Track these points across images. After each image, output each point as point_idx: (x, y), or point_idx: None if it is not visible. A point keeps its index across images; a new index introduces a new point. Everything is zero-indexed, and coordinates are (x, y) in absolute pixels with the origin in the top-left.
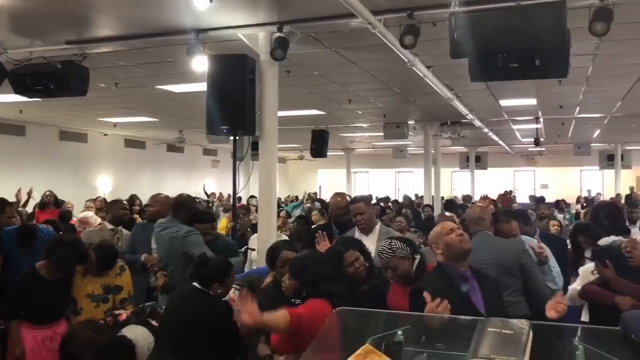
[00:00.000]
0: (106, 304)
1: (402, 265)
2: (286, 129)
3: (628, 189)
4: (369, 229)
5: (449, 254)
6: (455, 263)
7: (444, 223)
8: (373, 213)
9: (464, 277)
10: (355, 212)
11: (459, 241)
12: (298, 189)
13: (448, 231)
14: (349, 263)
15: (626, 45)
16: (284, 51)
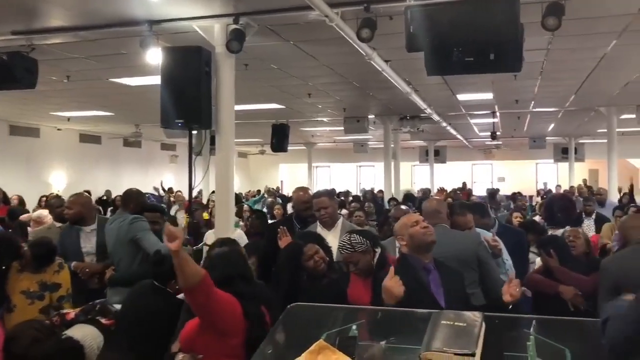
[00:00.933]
0: (42, 301)
1: (363, 259)
2: (246, 123)
3: (581, 181)
4: (331, 223)
5: (413, 246)
6: (418, 254)
7: (410, 215)
8: (336, 207)
9: (426, 268)
10: (318, 206)
11: (422, 233)
12: (259, 184)
13: (413, 223)
14: (308, 257)
15: (578, 40)
16: (240, 43)
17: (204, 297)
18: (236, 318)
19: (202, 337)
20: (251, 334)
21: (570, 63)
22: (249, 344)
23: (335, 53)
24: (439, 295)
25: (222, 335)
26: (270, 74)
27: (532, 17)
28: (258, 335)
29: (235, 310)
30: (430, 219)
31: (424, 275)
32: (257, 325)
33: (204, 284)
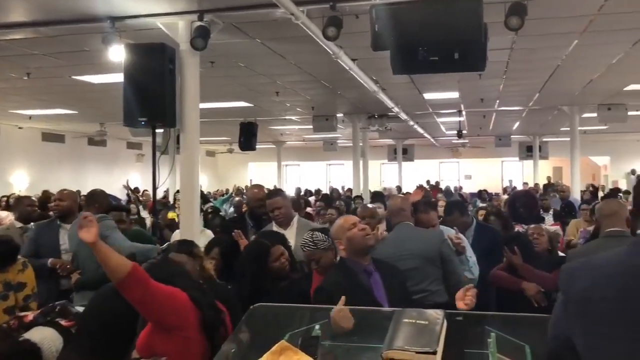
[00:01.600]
0: (5, 301)
1: (325, 256)
2: (214, 121)
3: (545, 178)
4: (287, 222)
5: (352, 249)
6: (358, 258)
7: (347, 217)
8: (290, 206)
9: (367, 271)
10: (272, 206)
11: (361, 236)
12: (228, 183)
13: (350, 225)
14: (275, 258)
15: (541, 40)
16: (204, 41)
17: (139, 290)
18: (183, 309)
19: (158, 337)
20: (205, 321)
21: (533, 63)
22: (208, 334)
23: (302, 51)
24: (382, 298)
25: (174, 330)
26: (237, 72)
27: (496, 17)
28: (213, 321)
29: (180, 301)
30: (395, 217)
31: (365, 279)
32: (209, 310)
33: (134, 277)
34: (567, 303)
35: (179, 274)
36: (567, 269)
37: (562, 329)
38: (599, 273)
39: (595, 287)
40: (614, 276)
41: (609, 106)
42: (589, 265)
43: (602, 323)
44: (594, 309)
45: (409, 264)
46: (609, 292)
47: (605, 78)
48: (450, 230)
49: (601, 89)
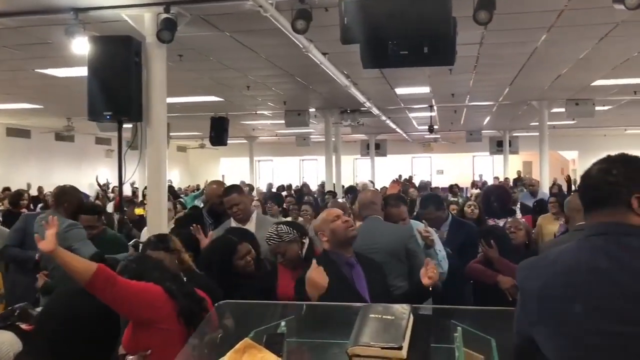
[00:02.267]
0: None
1: (290, 249)
2: (184, 116)
3: (516, 172)
4: (245, 218)
5: (335, 241)
6: (340, 250)
7: (330, 210)
8: (248, 202)
9: (349, 263)
10: (230, 204)
11: (344, 228)
12: (200, 179)
13: (334, 218)
14: (241, 256)
15: (509, 35)
16: (171, 33)
17: (108, 290)
18: (157, 301)
19: (139, 333)
20: (182, 311)
21: (503, 58)
22: (187, 323)
23: (272, 45)
24: (363, 290)
25: (152, 324)
26: (206, 66)
27: (465, 11)
28: (191, 310)
29: (153, 294)
30: (365, 211)
31: (347, 271)
32: (185, 300)
33: (100, 278)
34: (524, 301)
35: (153, 268)
36: (522, 267)
37: (523, 326)
38: (551, 271)
39: (547, 285)
40: (564, 274)
41: (576, 101)
42: (542, 263)
43: (556, 321)
44: (548, 307)
45: (375, 258)
46: (560, 290)
47: (573, 73)
48: (420, 224)
49: (569, 84)
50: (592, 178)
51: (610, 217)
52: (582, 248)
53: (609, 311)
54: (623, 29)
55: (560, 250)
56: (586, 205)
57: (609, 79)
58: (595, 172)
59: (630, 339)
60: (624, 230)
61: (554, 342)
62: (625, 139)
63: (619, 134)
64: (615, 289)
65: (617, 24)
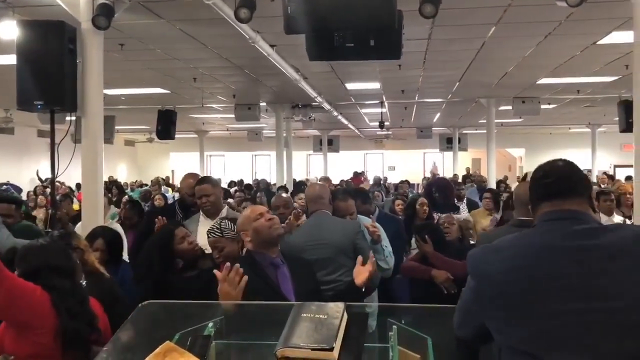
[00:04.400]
0: None
1: (229, 246)
2: (131, 108)
3: (465, 169)
4: (214, 212)
5: (258, 241)
6: (265, 250)
7: (254, 207)
8: (220, 196)
9: (274, 264)
10: (201, 193)
11: (268, 226)
12: (148, 174)
13: (257, 216)
14: (180, 239)
15: (457, 30)
16: (108, 19)
17: None
18: (38, 309)
19: (8, 334)
20: (62, 327)
21: (450, 54)
22: (65, 339)
23: (217, 35)
24: (289, 292)
25: (25, 329)
26: (150, 56)
27: (412, 5)
28: (72, 328)
29: (36, 300)
30: (313, 205)
31: (272, 272)
32: (67, 317)
33: None
34: (479, 288)
35: (49, 268)
36: (476, 254)
37: (475, 315)
38: (513, 254)
39: (512, 269)
40: (523, 257)
41: (523, 99)
42: (501, 248)
43: (524, 303)
44: (511, 291)
45: (322, 253)
46: (521, 274)
47: (519, 71)
48: (367, 219)
49: (516, 82)
50: (562, 169)
51: (575, 205)
52: (549, 231)
53: (579, 289)
54: (566, 27)
55: (517, 236)
56: (551, 194)
57: (554, 78)
58: (563, 165)
59: (599, 314)
60: (587, 217)
61: (522, 325)
62: (569, 137)
63: (564, 132)
64: (584, 267)
65: (560, 22)
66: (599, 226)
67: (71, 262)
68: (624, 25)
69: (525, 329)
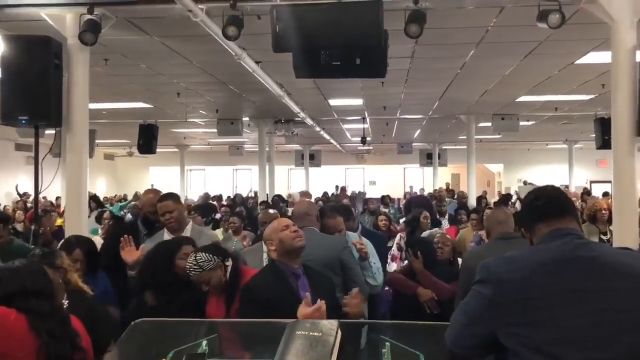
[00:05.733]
0: None
1: (213, 276)
2: (112, 122)
3: (444, 184)
4: (178, 228)
5: (282, 251)
6: (287, 260)
7: (281, 219)
8: (183, 211)
9: (295, 274)
10: (163, 210)
11: (292, 238)
12: (128, 188)
13: (283, 227)
14: (185, 254)
15: (439, 49)
16: (94, 35)
17: None
18: (14, 333)
19: None
20: (45, 349)
21: (432, 72)
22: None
23: (203, 51)
24: None
25: (4, 357)
26: (134, 71)
27: (396, 24)
28: (55, 349)
29: (11, 325)
30: (300, 222)
31: (294, 282)
32: (49, 338)
33: None
34: (496, 293)
35: (26, 291)
36: (491, 263)
37: (485, 323)
38: (527, 264)
39: (528, 276)
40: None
41: (502, 116)
42: (513, 259)
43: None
44: (534, 295)
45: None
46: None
47: (499, 89)
48: (355, 235)
49: (495, 100)
50: (553, 192)
51: (569, 224)
52: (557, 246)
53: (595, 292)
54: (546, 47)
55: (528, 250)
56: (545, 215)
57: (533, 95)
58: (552, 189)
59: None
60: (581, 234)
61: (546, 328)
62: (547, 153)
63: (541, 148)
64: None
65: (541, 42)
66: (593, 241)
67: (49, 284)
68: (601, 46)
69: (545, 332)
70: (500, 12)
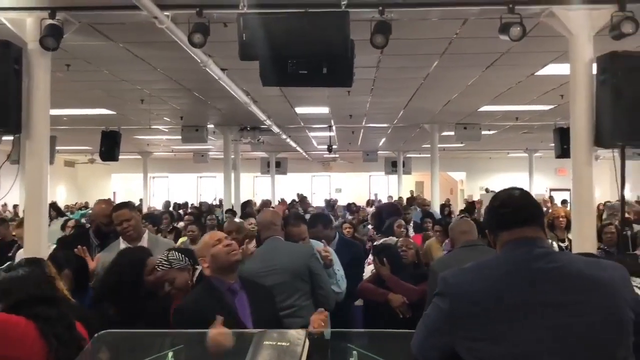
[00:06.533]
0: None
1: (180, 277)
2: (73, 129)
3: (409, 192)
4: (136, 237)
5: (216, 266)
6: (222, 276)
7: (212, 233)
8: (140, 220)
9: (231, 290)
10: (120, 219)
11: (226, 252)
12: (89, 195)
13: (215, 242)
14: (151, 270)
15: (404, 60)
16: (56, 41)
17: None
18: (25, 341)
19: None
20: (53, 355)
21: (398, 81)
22: None
23: (168, 58)
24: (246, 318)
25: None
26: (97, 77)
27: (362, 34)
28: (64, 354)
29: (22, 332)
30: (266, 231)
31: (230, 298)
32: (57, 344)
33: None
34: (452, 307)
35: (33, 298)
36: (449, 275)
37: (443, 335)
38: (482, 276)
39: (481, 290)
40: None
41: (465, 125)
42: (469, 270)
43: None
44: (486, 310)
45: (277, 278)
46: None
47: (462, 99)
48: (319, 243)
49: (458, 109)
50: (517, 200)
51: (532, 232)
52: (514, 256)
53: (551, 306)
54: (507, 58)
55: (485, 261)
56: (509, 223)
57: (494, 105)
58: (519, 196)
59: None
60: (544, 243)
61: (498, 343)
62: (508, 162)
63: (502, 157)
64: (553, 286)
65: (502, 54)
66: (556, 251)
67: (53, 290)
68: (560, 58)
69: (502, 346)
70: (463, 24)
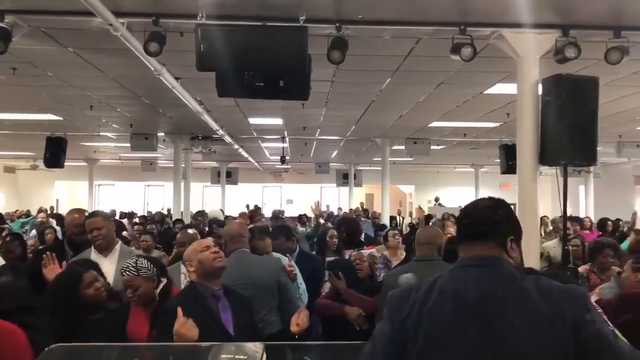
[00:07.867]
0: None
1: (144, 285)
2: (14, 134)
3: (359, 204)
4: (107, 246)
5: (202, 272)
6: (207, 282)
7: (201, 240)
8: (113, 230)
9: (215, 296)
10: (91, 227)
11: (212, 259)
12: (31, 203)
13: (203, 248)
14: (88, 284)
15: (359, 75)
16: (4, 44)
17: None
18: (14, 348)
19: None
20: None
21: (351, 96)
22: None
23: (120, 65)
24: (229, 324)
25: None
26: (44, 82)
27: (319, 49)
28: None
29: (14, 340)
30: (234, 244)
31: (213, 304)
32: None
33: None
34: (393, 334)
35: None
36: (393, 297)
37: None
38: (420, 300)
39: (415, 316)
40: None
41: (415, 140)
42: (414, 292)
43: (435, 346)
44: (426, 333)
45: (248, 292)
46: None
47: (413, 114)
48: (284, 257)
49: (409, 125)
50: (480, 212)
51: (487, 251)
52: (463, 277)
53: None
54: (457, 77)
55: (432, 281)
56: (467, 237)
57: (443, 122)
58: (483, 208)
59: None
60: (494, 263)
61: None
62: (455, 176)
63: (450, 171)
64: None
65: (453, 73)
66: (503, 274)
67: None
68: (507, 78)
69: None
70: (416, 43)
